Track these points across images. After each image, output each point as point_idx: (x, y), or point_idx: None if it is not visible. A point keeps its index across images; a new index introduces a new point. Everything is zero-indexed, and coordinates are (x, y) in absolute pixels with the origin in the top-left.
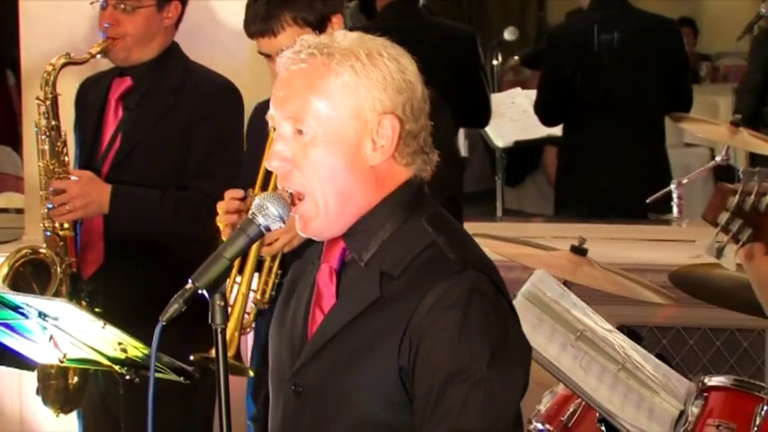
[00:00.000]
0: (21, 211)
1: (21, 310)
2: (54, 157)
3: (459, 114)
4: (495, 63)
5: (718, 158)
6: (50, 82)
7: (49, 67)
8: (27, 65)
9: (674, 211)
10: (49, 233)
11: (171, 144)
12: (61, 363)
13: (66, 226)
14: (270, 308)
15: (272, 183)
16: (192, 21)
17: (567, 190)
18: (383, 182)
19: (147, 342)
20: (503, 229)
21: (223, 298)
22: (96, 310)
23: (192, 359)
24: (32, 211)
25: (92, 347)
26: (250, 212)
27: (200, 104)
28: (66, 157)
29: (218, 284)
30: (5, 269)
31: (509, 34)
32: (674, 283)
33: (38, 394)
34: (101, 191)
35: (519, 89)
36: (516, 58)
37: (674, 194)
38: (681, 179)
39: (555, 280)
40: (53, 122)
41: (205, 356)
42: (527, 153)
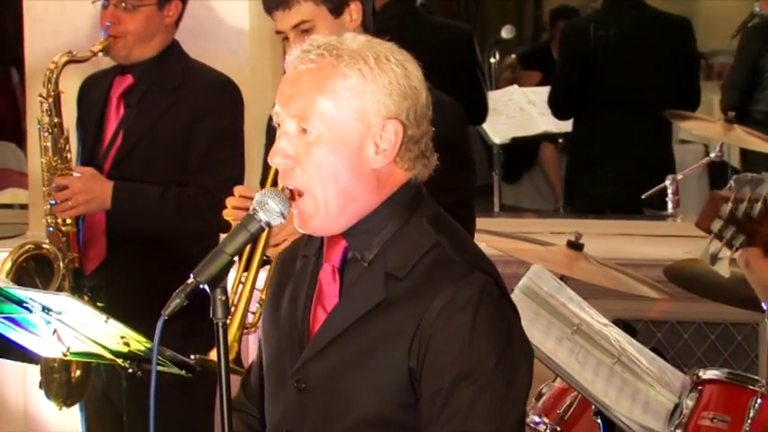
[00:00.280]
0: (25, 207)
1: (25, 304)
2: (56, 153)
3: None
4: (492, 61)
5: (712, 155)
6: (53, 80)
7: (52, 65)
8: (31, 63)
9: (669, 206)
10: (51, 229)
11: (172, 141)
12: (65, 356)
13: (69, 222)
14: None
15: (270, 178)
16: (194, 19)
17: (576, 184)
18: (384, 184)
19: (149, 336)
20: (500, 224)
21: (224, 293)
22: (99, 304)
23: (193, 359)
24: (36, 206)
25: (95, 341)
26: (251, 208)
27: (201, 102)
28: (69, 154)
29: (219, 279)
30: (9, 264)
31: (506, 33)
32: (669, 278)
33: (41, 388)
34: (103, 187)
35: (516, 86)
36: (513, 56)
37: (669, 190)
38: (675, 175)
39: (551, 275)
40: (55, 119)
41: (204, 358)
42: (523, 150)
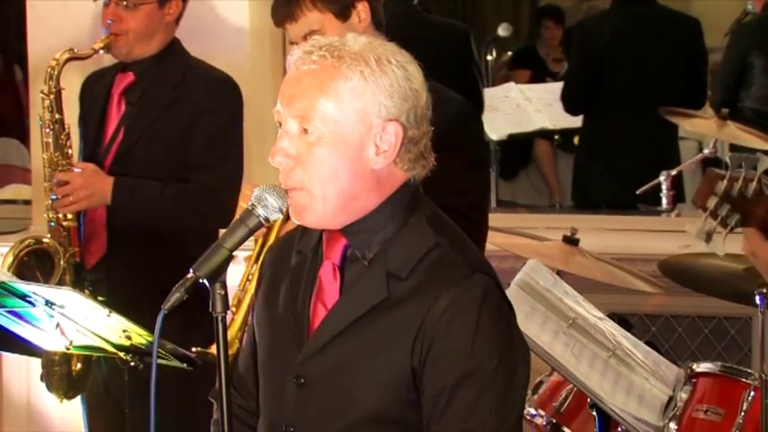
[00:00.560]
0: (28, 203)
1: (28, 298)
2: (58, 149)
3: None
4: (489, 58)
5: (706, 151)
6: (54, 76)
7: (53, 62)
8: (34, 60)
9: (664, 202)
10: (53, 224)
11: (172, 137)
12: (68, 350)
13: (70, 217)
14: None
15: None
16: (195, 17)
17: (585, 179)
18: (384, 184)
19: (150, 329)
20: (497, 219)
21: (223, 287)
22: (100, 298)
23: (194, 351)
24: (39, 202)
25: (97, 335)
26: (249, 204)
27: (201, 99)
28: (70, 150)
29: (218, 274)
30: (10, 259)
31: (503, 30)
32: (663, 273)
33: (42, 380)
34: (103, 183)
35: (512, 83)
36: (510, 53)
37: (663, 186)
38: (670, 171)
39: (547, 269)
40: (57, 116)
41: (205, 351)
42: (519, 147)
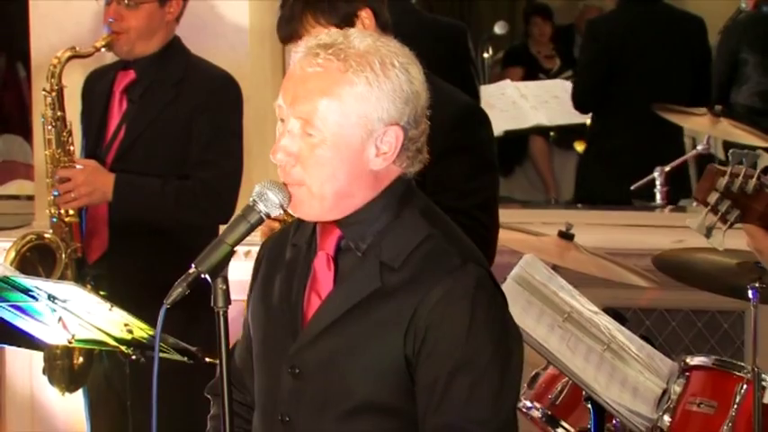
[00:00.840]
0: (31, 198)
1: (31, 292)
2: (60, 146)
3: None
4: (485, 56)
5: (699, 147)
6: (56, 74)
7: (55, 60)
8: (36, 58)
9: (658, 197)
10: (55, 219)
11: (173, 135)
12: (70, 343)
13: (72, 213)
14: None
15: None
16: (195, 15)
17: (592, 176)
18: (381, 181)
19: (151, 323)
20: None
21: (225, 282)
22: (101, 293)
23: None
24: (42, 198)
25: (99, 329)
26: (250, 199)
27: (201, 97)
28: (72, 147)
29: (220, 269)
30: (12, 254)
31: (499, 28)
32: (658, 267)
33: (44, 374)
34: (105, 179)
35: (509, 81)
36: (504, 52)
37: (657, 182)
38: (664, 167)
39: (543, 264)
40: (59, 113)
41: (212, 361)
42: (515, 144)
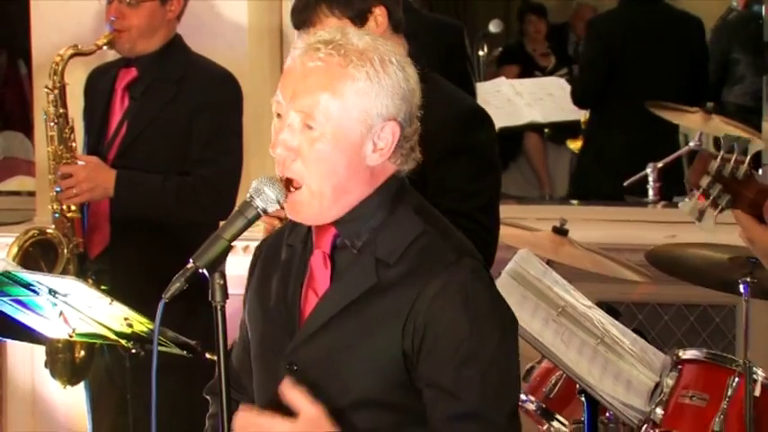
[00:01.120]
0: (32, 194)
1: (32, 287)
2: (62, 143)
3: None
4: (480, 54)
5: (691, 144)
6: (58, 72)
7: (57, 58)
8: (37, 55)
9: (650, 193)
10: (57, 215)
11: (174, 132)
12: (71, 337)
13: (74, 208)
14: None
15: None
16: (194, 14)
17: (589, 172)
18: (376, 177)
19: (151, 318)
20: None
21: (222, 277)
22: (102, 287)
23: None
24: (43, 193)
25: (99, 323)
26: (247, 195)
27: (202, 94)
28: (74, 143)
29: (217, 264)
30: (15, 249)
31: (494, 27)
32: (650, 262)
33: (46, 367)
34: (106, 176)
35: (503, 78)
36: (501, 49)
37: (650, 178)
38: (656, 163)
39: (538, 259)
40: (61, 110)
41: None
42: (509, 140)
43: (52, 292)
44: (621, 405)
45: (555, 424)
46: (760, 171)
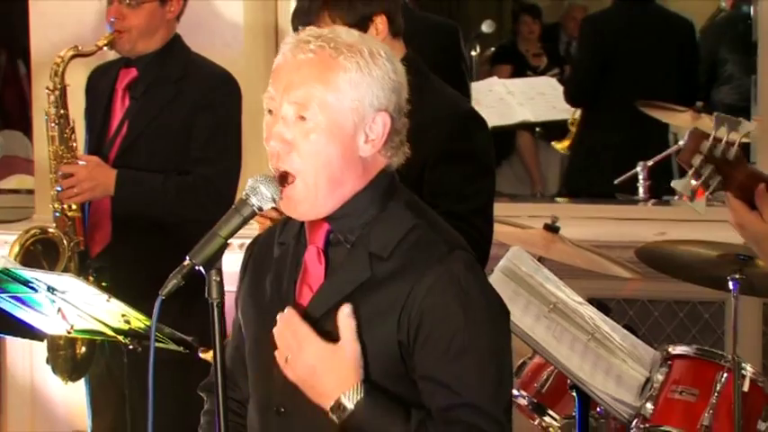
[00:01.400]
0: (31, 192)
1: (31, 284)
2: (63, 143)
3: None
4: (473, 54)
5: (681, 142)
6: (59, 73)
7: (58, 59)
8: (36, 55)
9: (641, 191)
10: (58, 214)
11: (174, 131)
12: (69, 333)
13: (74, 207)
14: None
15: None
16: (191, 13)
17: (580, 170)
18: (369, 171)
19: (150, 314)
20: None
21: (219, 274)
22: (103, 284)
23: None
24: (42, 192)
25: (97, 319)
26: (243, 193)
27: (201, 94)
28: (75, 143)
29: (213, 261)
30: (17, 248)
31: (486, 27)
32: (641, 259)
33: (47, 363)
34: (107, 175)
35: (496, 78)
36: (493, 49)
37: (640, 176)
38: (647, 162)
39: (530, 256)
40: (62, 111)
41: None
42: (501, 139)
43: (51, 289)
44: (612, 400)
45: (546, 419)
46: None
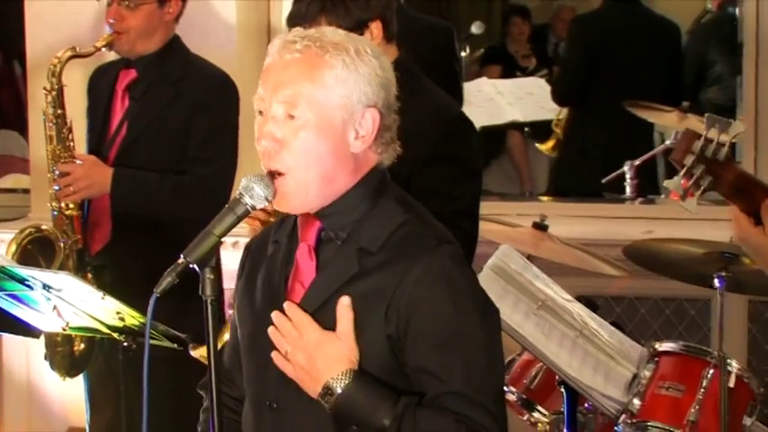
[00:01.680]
0: (27, 191)
1: (26, 282)
2: (60, 142)
3: None
4: (463, 54)
5: (668, 142)
6: (56, 73)
7: (56, 60)
8: (32, 56)
9: (628, 190)
10: (56, 213)
11: (172, 132)
12: (64, 330)
13: (72, 206)
14: None
15: None
16: (187, 14)
17: (567, 169)
18: (360, 167)
19: (146, 312)
20: None
21: (213, 272)
22: (102, 282)
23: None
24: (38, 191)
25: (92, 316)
26: (237, 192)
27: (199, 96)
28: (72, 143)
29: (207, 259)
30: (14, 247)
31: (476, 28)
32: (628, 257)
33: (46, 359)
34: (103, 173)
35: (485, 79)
36: (483, 50)
37: (628, 175)
38: (634, 161)
39: (519, 254)
40: (59, 111)
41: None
42: (492, 139)
43: (46, 286)
44: (600, 396)
45: (535, 414)
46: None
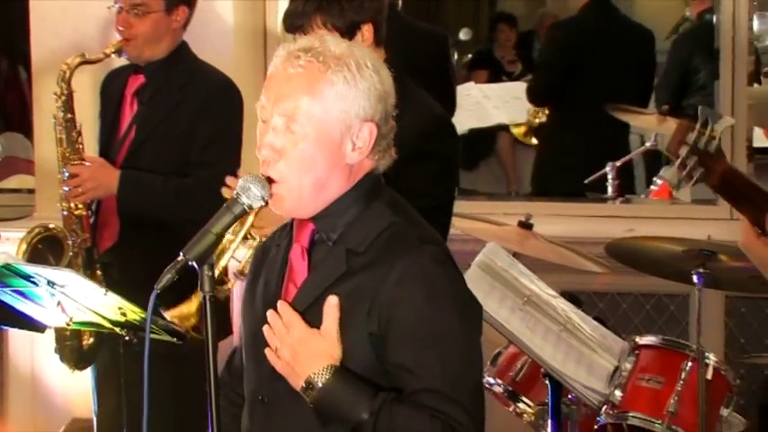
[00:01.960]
0: (32, 192)
1: (31, 278)
2: (69, 145)
3: None
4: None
5: (648, 144)
6: (66, 79)
7: (65, 66)
8: (36, 60)
9: (609, 190)
10: (65, 213)
11: (177, 136)
12: (68, 325)
13: (80, 206)
14: None
15: None
16: None
17: (546, 170)
18: (355, 174)
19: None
20: (459, 206)
21: (211, 269)
22: (109, 278)
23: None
24: (42, 191)
25: (95, 312)
26: (234, 192)
27: (204, 101)
28: (81, 146)
29: (206, 257)
30: (24, 246)
31: (464, 34)
32: (610, 254)
33: (56, 353)
34: (109, 175)
35: (473, 83)
36: (470, 56)
37: (609, 176)
38: (615, 162)
39: (505, 251)
40: (69, 115)
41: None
42: (480, 140)
43: (50, 283)
44: (583, 387)
45: (521, 405)
46: None
